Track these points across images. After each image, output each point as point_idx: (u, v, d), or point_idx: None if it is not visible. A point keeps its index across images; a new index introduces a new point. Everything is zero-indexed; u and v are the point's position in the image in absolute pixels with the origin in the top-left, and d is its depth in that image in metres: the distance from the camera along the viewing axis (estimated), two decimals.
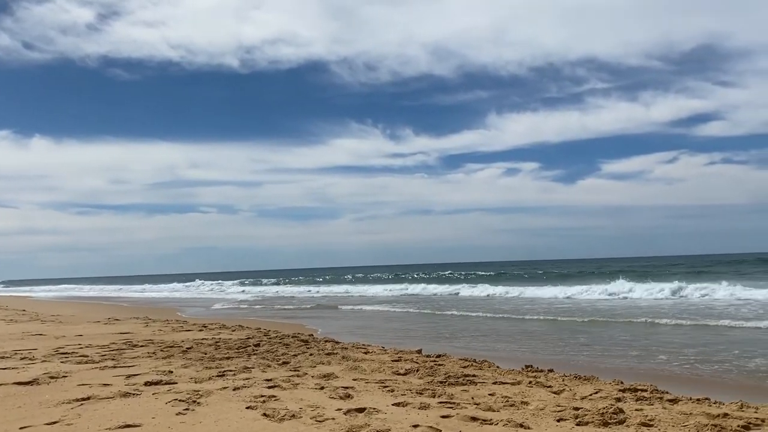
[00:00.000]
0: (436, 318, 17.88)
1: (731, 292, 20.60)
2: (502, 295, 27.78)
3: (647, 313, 16.33)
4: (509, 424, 4.83)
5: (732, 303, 18.26)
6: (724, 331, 12.32)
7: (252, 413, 5.28)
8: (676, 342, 10.92)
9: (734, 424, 4.63)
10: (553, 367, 7.87)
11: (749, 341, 10.64)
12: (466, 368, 7.82)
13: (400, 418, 5.05)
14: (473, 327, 14.90)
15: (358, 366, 7.90)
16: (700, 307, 17.76)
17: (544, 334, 12.99)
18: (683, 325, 13.43)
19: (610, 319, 15.22)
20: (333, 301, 28.72)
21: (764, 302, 17.75)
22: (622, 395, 5.96)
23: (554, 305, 20.74)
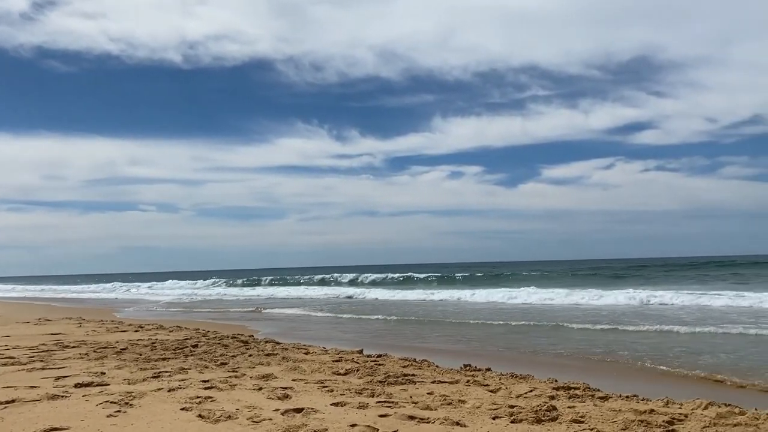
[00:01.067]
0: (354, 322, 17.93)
1: (631, 296, 21.06)
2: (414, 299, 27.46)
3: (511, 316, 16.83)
4: (446, 422, 4.89)
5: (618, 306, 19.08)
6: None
7: (187, 414, 5.17)
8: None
9: (659, 420, 4.81)
10: (491, 366, 8.01)
11: (630, 343, 11.09)
12: (406, 368, 7.86)
13: (338, 418, 5.04)
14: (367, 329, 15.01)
15: (298, 366, 7.85)
16: (588, 310, 18.34)
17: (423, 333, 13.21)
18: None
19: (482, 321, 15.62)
20: (270, 303, 28.42)
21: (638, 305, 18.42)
22: (556, 393, 6.11)
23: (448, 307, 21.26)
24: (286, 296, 32.24)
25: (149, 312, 23.42)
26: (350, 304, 24.78)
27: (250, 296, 33.67)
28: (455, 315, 17.81)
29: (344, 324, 16.57)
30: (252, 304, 26.40)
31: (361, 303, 25.19)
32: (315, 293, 32.47)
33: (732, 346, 10.37)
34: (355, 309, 20.55)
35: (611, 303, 19.80)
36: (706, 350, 9.91)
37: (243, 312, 21.89)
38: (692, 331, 12.20)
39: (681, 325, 13.08)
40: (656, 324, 13.36)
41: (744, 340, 11.06)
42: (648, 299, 19.55)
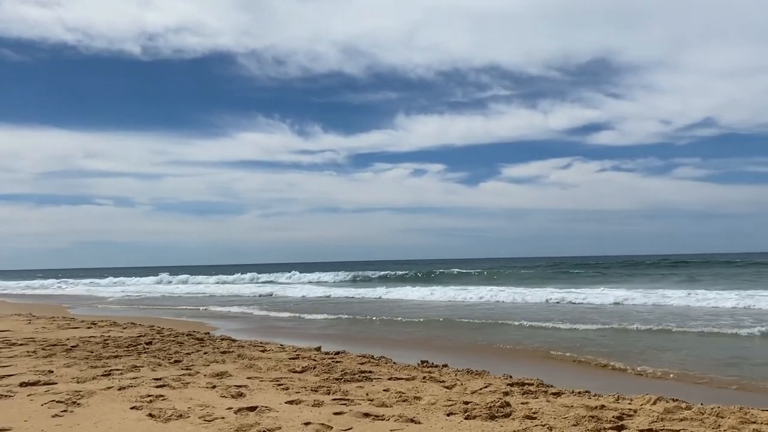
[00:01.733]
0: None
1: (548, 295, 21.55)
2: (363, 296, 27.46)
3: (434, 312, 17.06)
4: (400, 419, 4.89)
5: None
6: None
7: (136, 414, 5.05)
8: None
9: (609, 415, 4.90)
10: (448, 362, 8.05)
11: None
12: (363, 365, 7.85)
13: (292, 416, 4.99)
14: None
15: (254, 364, 7.76)
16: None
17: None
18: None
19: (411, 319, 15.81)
20: (227, 301, 28.10)
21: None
22: (510, 389, 6.18)
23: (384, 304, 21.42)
24: (237, 294, 31.86)
25: (103, 308, 22.88)
26: (312, 302, 24.63)
27: (213, 293, 33.19)
28: (411, 313, 17.87)
29: (304, 322, 16.46)
30: (210, 302, 26.05)
31: (319, 301, 25.05)
32: (269, 291, 32.07)
33: (687, 343, 10.67)
34: (314, 308, 20.42)
35: (567, 299, 20.11)
36: (665, 347, 10.16)
37: (200, 309, 21.56)
38: (649, 328, 12.47)
39: (641, 323, 13.37)
40: (616, 321, 13.64)
41: (696, 339, 11.37)
42: (604, 297, 19.93)
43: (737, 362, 8.57)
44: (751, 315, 14.47)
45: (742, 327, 12.14)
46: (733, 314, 14.80)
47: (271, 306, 21.80)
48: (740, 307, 16.13)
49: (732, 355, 9.24)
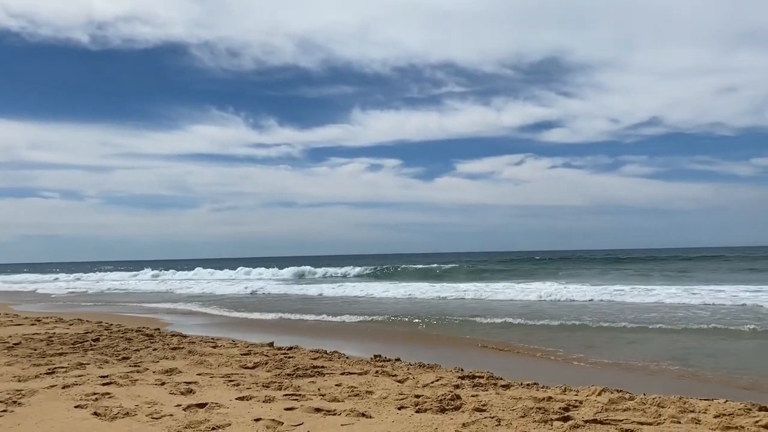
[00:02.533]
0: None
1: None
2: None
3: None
4: (352, 413, 4.89)
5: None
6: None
7: (81, 412, 4.92)
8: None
9: (556, 407, 5.01)
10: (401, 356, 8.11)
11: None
12: (316, 360, 7.83)
13: (243, 413, 4.94)
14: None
15: (205, 360, 7.65)
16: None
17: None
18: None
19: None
20: (178, 297, 27.64)
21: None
22: (461, 382, 6.26)
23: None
24: (190, 292, 31.36)
25: (49, 304, 22.21)
26: (257, 299, 24.37)
27: (160, 291, 32.55)
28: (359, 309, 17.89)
29: (253, 319, 16.31)
30: (159, 298, 25.58)
31: (264, 298, 24.76)
32: (220, 287, 31.57)
33: (636, 337, 11.00)
34: (257, 306, 20.20)
35: (521, 296, 20.45)
36: (616, 340, 10.45)
37: (149, 305, 21.13)
38: (599, 325, 12.78)
39: (592, 317, 13.69)
40: (570, 317, 13.94)
41: (645, 333, 11.72)
42: (552, 293, 20.34)
43: (683, 354, 8.86)
44: (693, 308, 15.02)
45: (690, 321, 12.58)
46: (679, 308, 15.31)
47: (205, 303, 21.53)
48: (682, 303, 16.68)
49: (679, 347, 9.56)
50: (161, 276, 46.42)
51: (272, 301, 21.59)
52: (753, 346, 9.73)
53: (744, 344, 9.92)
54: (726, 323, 11.97)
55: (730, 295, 17.12)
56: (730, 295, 17.12)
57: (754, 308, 14.65)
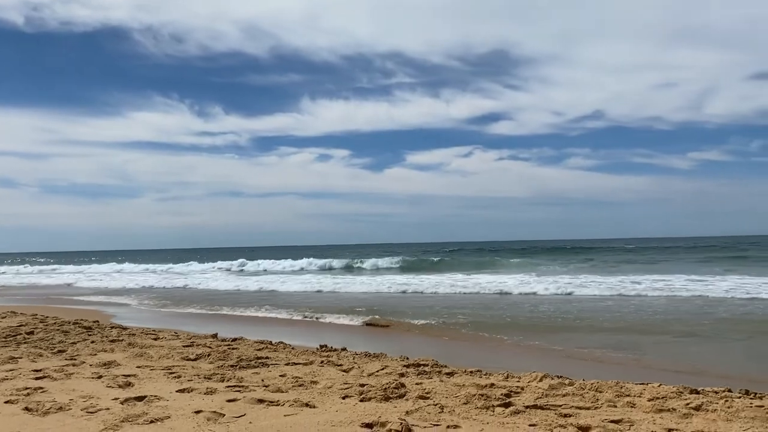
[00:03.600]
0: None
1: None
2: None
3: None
4: (295, 404, 4.85)
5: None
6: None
7: (11, 408, 4.72)
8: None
9: (498, 393, 5.09)
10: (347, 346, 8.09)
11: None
12: (260, 350, 7.73)
13: (183, 405, 4.83)
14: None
15: (145, 353, 7.46)
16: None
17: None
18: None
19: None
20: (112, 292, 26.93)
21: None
22: (406, 370, 6.29)
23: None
24: (123, 286, 30.59)
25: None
26: (185, 290, 23.95)
27: (97, 287, 31.61)
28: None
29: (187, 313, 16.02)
30: (100, 291, 24.86)
31: (195, 292, 24.41)
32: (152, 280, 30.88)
33: (581, 324, 11.27)
34: (187, 296, 19.90)
35: (472, 287, 20.71)
36: (562, 328, 10.68)
37: (88, 297, 20.50)
38: (550, 313, 13.06)
39: (547, 305, 13.95)
40: (522, 305, 14.18)
41: (588, 322, 12.03)
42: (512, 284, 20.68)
43: (624, 343, 9.14)
44: (632, 298, 15.53)
45: (632, 310, 13.00)
46: (633, 299, 15.80)
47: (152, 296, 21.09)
48: (627, 294, 17.21)
49: (620, 335, 9.85)
50: (97, 268, 45.13)
51: (210, 296, 21.27)
52: (694, 333, 10.11)
53: (684, 332, 10.30)
54: (669, 313, 12.42)
55: (667, 285, 17.80)
56: (667, 285, 17.80)
57: (692, 299, 15.25)
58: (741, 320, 11.10)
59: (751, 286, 16.61)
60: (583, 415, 4.44)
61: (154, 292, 22.33)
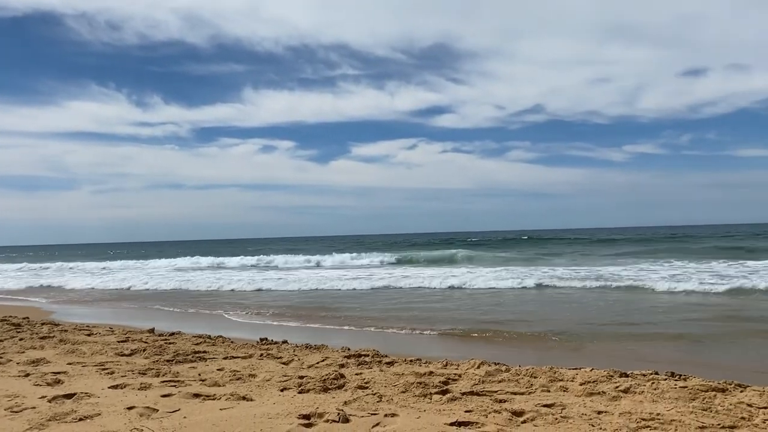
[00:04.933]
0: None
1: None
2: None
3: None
4: (232, 397, 4.78)
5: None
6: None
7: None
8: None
9: (436, 380, 5.15)
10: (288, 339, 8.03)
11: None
12: (198, 345, 7.60)
13: (115, 401, 4.69)
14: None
15: (77, 349, 7.22)
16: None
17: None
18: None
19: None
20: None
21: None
22: (347, 361, 6.29)
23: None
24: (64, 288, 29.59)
25: None
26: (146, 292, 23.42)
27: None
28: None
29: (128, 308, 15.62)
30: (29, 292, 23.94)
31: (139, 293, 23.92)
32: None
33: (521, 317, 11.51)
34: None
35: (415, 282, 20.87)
36: (511, 318, 10.88)
37: (17, 294, 19.69)
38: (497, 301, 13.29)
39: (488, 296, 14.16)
40: (464, 297, 14.36)
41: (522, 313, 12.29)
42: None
43: (566, 328, 9.39)
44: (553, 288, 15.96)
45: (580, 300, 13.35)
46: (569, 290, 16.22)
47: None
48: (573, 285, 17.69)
49: (567, 321, 10.12)
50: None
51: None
52: (633, 321, 10.49)
53: (623, 319, 10.66)
54: (614, 301, 12.83)
55: (609, 272, 18.39)
56: (609, 272, 18.39)
57: (631, 288, 15.82)
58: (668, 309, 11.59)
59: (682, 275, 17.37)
60: (518, 400, 4.54)
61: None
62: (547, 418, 4.05)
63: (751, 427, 3.77)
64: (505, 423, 3.97)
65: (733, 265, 21.00)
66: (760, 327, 9.17)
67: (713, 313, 10.69)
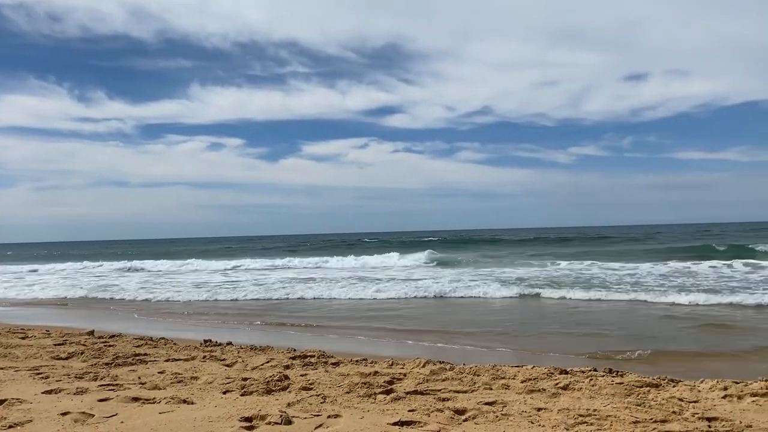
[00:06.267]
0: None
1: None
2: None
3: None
4: (172, 401, 4.68)
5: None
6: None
7: None
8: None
9: (381, 380, 5.16)
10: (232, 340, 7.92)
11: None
12: (139, 347, 7.41)
13: (49, 407, 4.53)
14: None
15: (10, 353, 6.94)
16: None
17: None
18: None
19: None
20: None
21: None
22: (292, 362, 6.24)
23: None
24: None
25: None
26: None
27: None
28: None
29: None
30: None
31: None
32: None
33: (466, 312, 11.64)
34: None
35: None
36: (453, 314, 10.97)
37: None
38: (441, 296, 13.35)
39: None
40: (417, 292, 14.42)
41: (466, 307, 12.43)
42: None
43: (509, 327, 9.55)
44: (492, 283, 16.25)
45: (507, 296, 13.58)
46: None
47: None
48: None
49: (508, 320, 10.29)
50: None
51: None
52: (566, 318, 10.74)
53: (560, 318, 10.91)
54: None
55: (541, 271, 18.76)
56: (541, 271, 18.76)
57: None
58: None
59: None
60: (461, 399, 4.59)
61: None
62: (488, 416, 4.10)
63: (681, 420, 3.91)
64: (447, 422, 4.01)
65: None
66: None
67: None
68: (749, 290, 13.05)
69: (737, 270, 18.81)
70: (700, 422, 3.86)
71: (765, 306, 11.19)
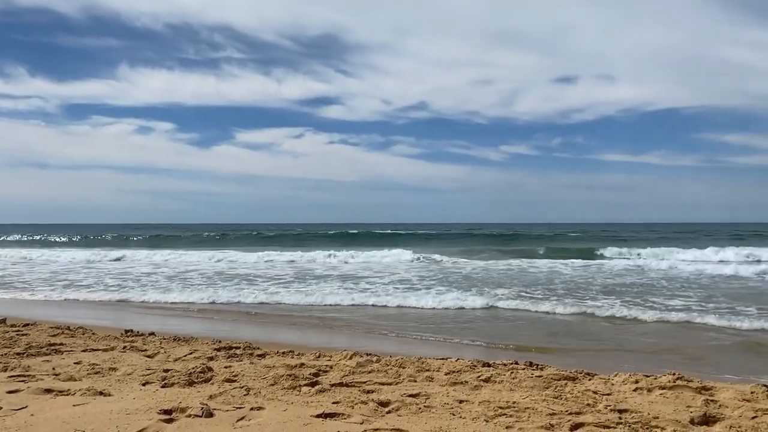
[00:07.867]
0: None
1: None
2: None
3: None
4: (88, 392, 4.51)
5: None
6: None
7: None
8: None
9: (306, 372, 5.14)
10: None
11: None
12: (55, 336, 7.11)
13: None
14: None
15: None
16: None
17: None
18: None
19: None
20: None
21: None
22: (216, 354, 6.12)
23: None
24: None
25: None
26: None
27: None
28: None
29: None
30: None
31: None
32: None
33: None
34: None
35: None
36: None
37: None
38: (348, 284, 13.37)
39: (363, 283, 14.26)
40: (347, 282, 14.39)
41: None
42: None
43: (438, 321, 9.68)
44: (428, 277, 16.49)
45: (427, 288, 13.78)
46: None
47: None
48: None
49: (432, 320, 10.42)
50: None
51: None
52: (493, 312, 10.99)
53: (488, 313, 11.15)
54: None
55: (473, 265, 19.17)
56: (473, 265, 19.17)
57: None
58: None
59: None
60: (385, 391, 4.63)
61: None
62: (411, 408, 4.16)
63: (595, 412, 4.08)
64: (371, 413, 4.04)
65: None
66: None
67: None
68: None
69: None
70: (612, 414, 4.04)
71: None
